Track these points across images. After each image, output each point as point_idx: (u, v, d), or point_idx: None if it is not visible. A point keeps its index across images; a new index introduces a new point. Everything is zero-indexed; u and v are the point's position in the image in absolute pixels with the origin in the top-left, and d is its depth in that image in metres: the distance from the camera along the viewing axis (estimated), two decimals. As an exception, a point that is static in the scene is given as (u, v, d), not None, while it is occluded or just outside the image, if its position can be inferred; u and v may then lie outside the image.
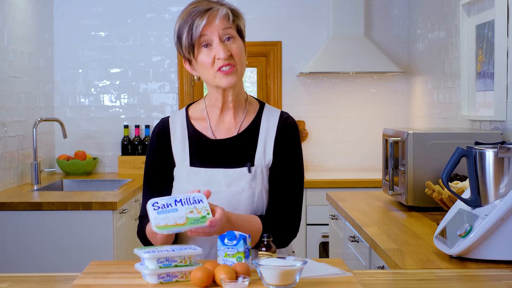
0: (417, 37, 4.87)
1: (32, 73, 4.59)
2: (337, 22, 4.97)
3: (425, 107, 4.67)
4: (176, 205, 1.76)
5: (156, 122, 5.14)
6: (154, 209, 1.75)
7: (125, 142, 5.09)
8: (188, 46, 1.95)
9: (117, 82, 5.16)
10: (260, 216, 1.99)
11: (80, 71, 5.15)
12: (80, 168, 4.87)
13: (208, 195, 1.80)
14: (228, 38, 1.95)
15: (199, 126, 2.06)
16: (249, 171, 1.98)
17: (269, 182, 2.01)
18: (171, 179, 2.05)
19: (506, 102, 3.11)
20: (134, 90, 5.17)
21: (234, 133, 2.04)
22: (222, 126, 2.05)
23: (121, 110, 5.17)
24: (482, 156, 2.10)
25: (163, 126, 2.09)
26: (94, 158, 5.01)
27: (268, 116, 2.06)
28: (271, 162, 2.01)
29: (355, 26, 4.96)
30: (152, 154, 2.08)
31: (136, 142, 5.09)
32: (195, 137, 2.05)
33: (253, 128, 2.04)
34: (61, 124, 4.55)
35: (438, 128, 3.78)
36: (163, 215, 1.74)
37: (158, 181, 2.06)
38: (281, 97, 5.11)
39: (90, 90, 5.16)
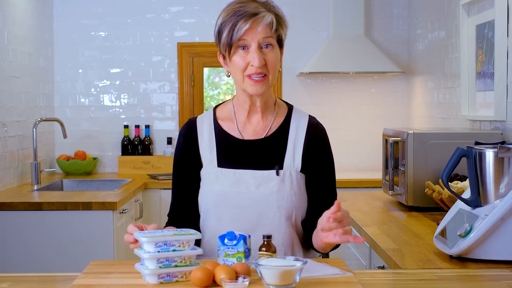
0: (417, 37, 4.87)
1: (32, 73, 4.59)
2: (337, 22, 4.97)
3: (425, 107, 4.67)
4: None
5: (156, 122, 5.16)
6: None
7: (125, 142, 5.09)
8: (226, 44, 1.94)
9: (117, 82, 5.16)
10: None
11: (80, 71, 5.15)
12: (80, 168, 4.86)
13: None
14: (267, 46, 1.94)
15: (226, 126, 2.07)
16: (277, 173, 1.99)
17: (308, 189, 2.03)
18: (198, 179, 2.06)
19: (506, 102, 3.11)
20: (134, 90, 5.17)
21: (262, 134, 2.04)
22: (249, 127, 2.05)
23: (121, 110, 5.17)
24: (482, 156, 2.10)
25: (190, 127, 2.09)
26: (94, 158, 5.01)
27: (297, 119, 2.08)
28: (300, 166, 2.02)
29: (355, 26, 4.96)
30: (179, 155, 2.09)
31: (136, 142, 5.09)
32: (222, 137, 2.05)
33: (282, 131, 2.05)
34: (61, 124, 4.55)
35: (438, 128, 3.78)
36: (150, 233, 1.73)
37: (185, 182, 2.07)
38: (281, 97, 5.10)
39: (90, 90, 5.16)
